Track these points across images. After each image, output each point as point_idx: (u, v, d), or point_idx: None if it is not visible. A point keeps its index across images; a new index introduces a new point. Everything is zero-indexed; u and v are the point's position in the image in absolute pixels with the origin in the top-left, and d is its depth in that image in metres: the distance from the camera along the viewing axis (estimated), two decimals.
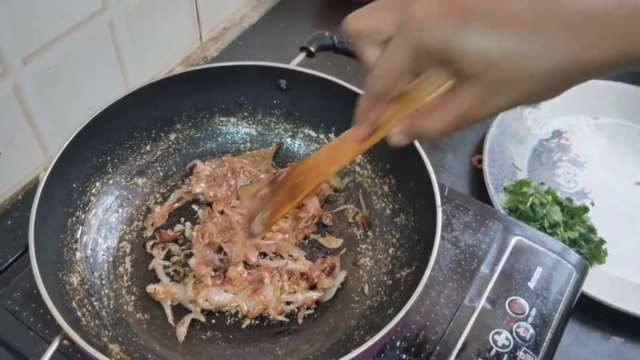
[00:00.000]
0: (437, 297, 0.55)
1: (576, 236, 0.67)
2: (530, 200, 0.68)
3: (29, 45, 0.59)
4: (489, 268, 0.57)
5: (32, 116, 0.64)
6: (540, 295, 0.56)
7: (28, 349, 0.49)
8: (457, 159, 0.78)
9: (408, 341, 0.52)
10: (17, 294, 0.52)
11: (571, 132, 0.81)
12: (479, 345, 0.52)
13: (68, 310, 0.48)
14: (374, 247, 0.60)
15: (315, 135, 0.66)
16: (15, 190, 0.68)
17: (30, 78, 0.61)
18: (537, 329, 0.53)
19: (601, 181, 0.76)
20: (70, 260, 0.53)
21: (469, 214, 0.62)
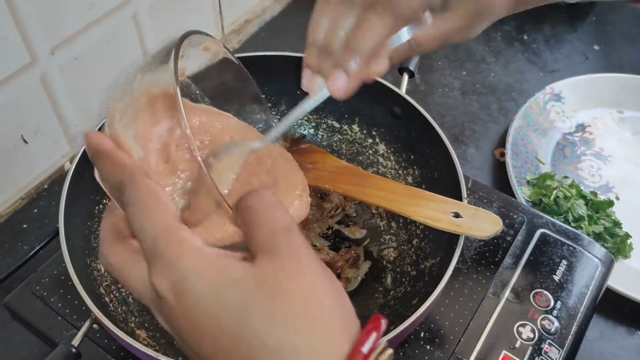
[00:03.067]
0: (461, 289, 0.55)
1: (601, 230, 0.66)
2: (554, 194, 0.68)
3: (57, 35, 0.60)
4: (513, 260, 0.57)
5: (58, 106, 0.65)
6: (565, 288, 0.55)
7: (57, 333, 0.50)
8: (479, 152, 0.78)
9: (432, 332, 0.52)
10: (45, 280, 0.53)
11: (595, 126, 0.80)
12: (503, 337, 0.52)
13: (97, 295, 0.49)
14: (398, 237, 0.59)
15: (338, 126, 0.66)
16: (42, 179, 0.69)
17: (58, 68, 0.62)
18: (562, 322, 0.53)
19: (626, 175, 0.75)
20: (97, 247, 0.54)
21: (492, 206, 0.61)
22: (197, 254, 0.28)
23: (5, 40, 0.55)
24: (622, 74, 0.83)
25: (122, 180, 0.29)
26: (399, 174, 0.63)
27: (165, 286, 0.27)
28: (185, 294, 0.27)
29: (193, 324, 0.27)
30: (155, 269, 0.28)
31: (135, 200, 0.29)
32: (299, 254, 0.28)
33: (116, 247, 0.31)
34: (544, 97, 0.80)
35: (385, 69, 0.42)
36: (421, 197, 0.51)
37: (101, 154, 0.31)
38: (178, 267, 0.27)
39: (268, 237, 0.28)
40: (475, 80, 0.87)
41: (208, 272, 0.27)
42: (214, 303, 0.27)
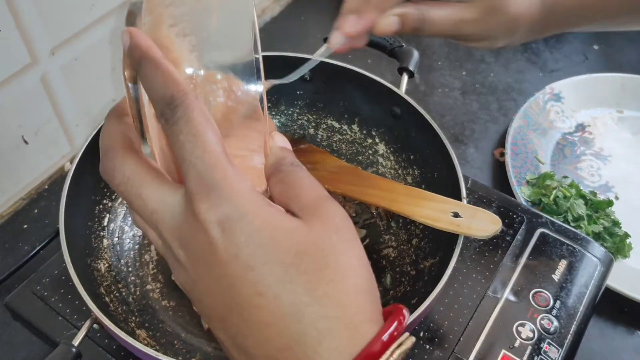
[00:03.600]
0: (461, 288, 0.55)
1: (600, 230, 0.66)
2: (553, 194, 0.68)
3: (57, 35, 0.60)
4: (512, 260, 0.57)
5: (59, 106, 0.65)
6: (564, 287, 0.55)
7: (57, 333, 0.50)
8: (478, 152, 0.78)
9: (431, 331, 0.52)
10: (45, 280, 0.53)
11: (595, 125, 0.81)
12: (502, 337, 0.52)
13: (97, 295, 0.49)
14: (397, 237, 0.60)
15: (338, 126, 0.66)
16: (42, 179, 0.69)
17: (58, 68, 0.62)
18: (561, 322, 0.53)
19: (625, 175, 0.75)
20: (97, 247, 0.54)
21: (492, 205, 0.61)
22: (252, 195, 0.27)
23: (5, 41, 0.55)
24: (622, 73, 0.83)
25: (174, 96, 0.27)
26: (398, 174, 0.63)
27: (214, 217, 0.26)
28: (236, 231, 0.26)
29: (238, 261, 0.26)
30: (207, 199, 0.26)
31: (188, 121, 0.26)
32: (348, 221, 0.28)
33: (131, 158, 0.29)
34: (543, 97, 0.80)
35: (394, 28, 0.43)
36: (421, 197, 0.51)
37: (151, 61, 0.27)
38: (235, 203, 0.26)
39: (316, 200, 0.28)
40: (475, 80, 0.87)
41: (264, 215, 0.26)
42: (268, 246, 0.26)
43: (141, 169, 0.28)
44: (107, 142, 0.30)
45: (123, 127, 0.30)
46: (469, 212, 0.49)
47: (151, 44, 0.28)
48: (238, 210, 0.26)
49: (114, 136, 0.30)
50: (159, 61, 0.27)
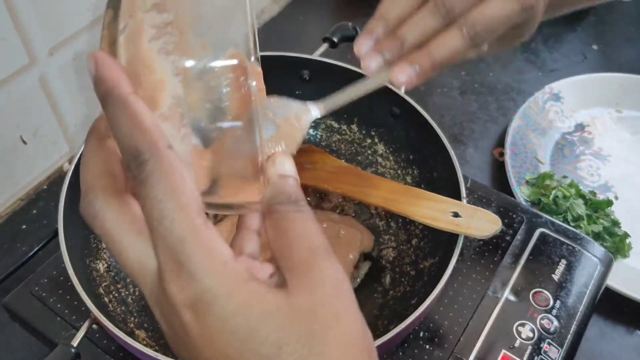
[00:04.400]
0: (460, 288, 0.55)
1: (600, 230, 0.66)
2: (553, 193, 0.68)
3: (55, 35, 0.60)
4: (512, 259, 0.57)
5: (57, 107, 0.65)
6: (564, 287, 0.55)
7: (56, 334, 0.50)
8: (478, 152, 0.78)
9: (431, 332, 0.52)
10: (44, 281, 0.53)
11: (594, 125, 0.81)
12: (502, 337, 0.52)
13: (96, 295, 0.49)
14: (397, 237, 0.59)
15: (337, 126, 0.66)
16: (40, 179, 0.69)
17: (56, 69, 0.62)
18: (561, 322, 0.53)
19: (625, 175, 0.75)
20: (96, 248, 0.54)
21: (491, 205, 0.61)
22: (227, 271, 0.24)
23: (4, 41, 0.55)
24: (621, 73, 0.83)
25: (140, 150, 0.23)
26: (398, 173, 0.63)
27: (185, 301, 0.23)
28: (208, 316, 0.23)
29: (212, 348, 0.24)
30: (177, 279, 0.23)
31: (155, 183, 0.23)
32: (340, 287, 0.25)
33: (112, 207, 0.25)
34: (542, 97, 0.80)
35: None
36: (420, 197, 0.51)
37: (116, 101, 0.24)
38: (205, 285, 0.23)
39: (309, 258, 0.25)
40: (474, 80, 0.87)
41: (239, 296, 0.23)
42: (242, 334, 0.23)
43: (122, 223, 0.25)
44: (87, 179, 0.26)
45: (104, 157, 0.26)
46: (469, 211, 0.49)
47: (118, 77, 0.24)
48: (210, 292, 0.23)
49: (94, 171, 0.26)
50: (126, 102, 0.23)
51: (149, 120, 0.24)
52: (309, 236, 0.25)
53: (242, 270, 0.24)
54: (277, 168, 0.27)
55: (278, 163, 0.27)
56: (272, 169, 0.27)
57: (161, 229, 0.23)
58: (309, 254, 0.25)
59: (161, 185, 0.23)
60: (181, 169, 0.24)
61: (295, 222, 0.26)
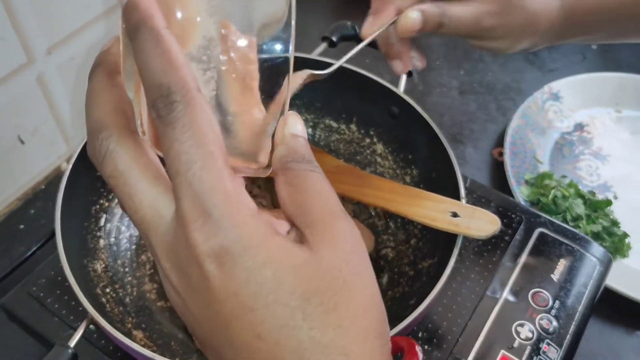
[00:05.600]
0: (459, 288, 0.55)
1: (599, 229, 0.66)
2: (552, 193, 0.68)
3: (54, 35, 0.60)
4: (511, 260, 0.57)
5: (55, 106, 0.65)
6: (563, 287, 0.55)
7: (53, 334, 0.50)
8: (477, 152, 0.78)
9: (430, 332, 0.52)
10: (41, 281, 0.53)
11: (593, 125, 0.80)
12: (501, 337, 0.52)
13: (93, 296, 0.48)
14: (396, 237, 0.59)
15: (336, 126, 0.66)
16: (38, 179, 0.69)
17: (55, 68, 0.62)
18: (560, 322, 0.53)
19: (624, 175, 0.75)
20: (94, 248, 0.54)
21: (491, 205, 0.61)
22: (255, 223, 0.23)
23: (1, 40, 0.55)
24: (620, 73, 0.83)
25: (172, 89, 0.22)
26: (396, 173, 0.63)
27: (209, 251, 0.22)
28: (235, 267, 0.22)
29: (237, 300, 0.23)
30: (203, 228, 0.22)
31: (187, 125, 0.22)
32: (360, 246, 0.25)
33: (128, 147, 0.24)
34: (542, 97, 0.80)
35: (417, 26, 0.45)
36: (419, 197, 0.51)
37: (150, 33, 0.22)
38: (237, 235, 0.22)
39: (328, 216, 0.24)
40: (473, 80, 0.87)
41: (268, 248, 0.23)
42: (270, 286, 0.22)
43: (137, 165, 0.24)
44: (98, 116, 0.24)
45: (116, 93, 0.25)
46: (468, 211, 0.49)
47: (153, 8, 0.22)
48: (239, 244, 0.22)
49: (105, 107, 0.24)
50: (160, 35, 0.22)
51: (182, 59, 0.22)
52: (327, 195, 0.25)
53: (269, 224, 0.24)
54: (289, 128, 0.26)
55: (290, 123, 0.26)
56: (284, 129, 0.26)
57: (189, 174, 0.22)
58: (328, 211, 0.25)
59: (192, 129, 0.22)
60: (211, 115, 0.23)
61: (312, 180, 0.25)
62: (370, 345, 0.24)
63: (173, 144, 0.22)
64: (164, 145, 0.23)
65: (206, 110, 0.23)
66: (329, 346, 0.23)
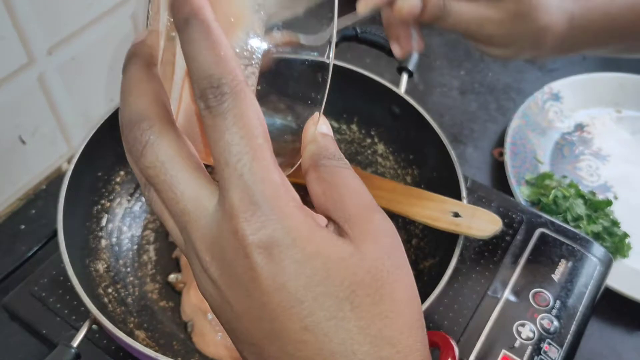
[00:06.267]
0: (460, 288, 0.55)
1: (599, 230, 0.66)
2: (552, 193, 0.68)
3: (54, 35, 0.60)
4: (512, 260, 0.57)
5: (56, 106, 0.65)
6: (564, 287, 0.55)
7: (55, 334, 0.50)
8: (477, 152, 0.78)
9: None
10: (43, 281, 0.53)
11: (593, 125, 0.81)
12: (502, 337, 0.52)
13: (96, 296, 0.48)
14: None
15: (337, 126, 0.66)
16: (39, 179, 0.69)
17: (55, 68, 0.62)
18: (561, 322, 0.53)
19: (624, 175, 0.75)
20: (96, 248, 0.54)
21: (491, 205, 0.61)
22: (303, 216, 0.23)
23: (2, 40, 0.55)
24: (620, 73, 0.83)
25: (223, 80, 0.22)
26: (397, 173, 0.63)
27: (259, 242, 0.22)
28: (285, 258, 0.22)
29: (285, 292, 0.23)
30: (252, 219, 0.22)
31: (237, 117, 0.22)
32: (398, 241, 0.25)
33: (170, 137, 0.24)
34: (542, 97, 0.80)
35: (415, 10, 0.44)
36: (420, 197, 0.51)
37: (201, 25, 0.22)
38: (286, 227, 0.22)
39: (365, 211, 0.25)
40: (474, 80, 0.87)
41: (315, 240, 0.23)
42: (319, 277, 0.23)
43: (180, 156, 0.24)
44: (138, 107, 0.24)
45: (155, 85, 0.25)
46: (469, 211, 0.49)
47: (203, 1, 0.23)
48: (289, 235, 0.22)
49: (146, 98, 0.24)
50: (211, 27, 0.22)
51: (231, 52, 0.23)
52: (361, 190, 0.25)
53: (313, 216, 0.24)
54: (319, 127, 0.27)
55: (320, 122, 0.27)
56: (313, 128, 0.27)
57: (240, 165, 0.22)
58: (364, 206, 0.25)
59: (243, 121, 0.22)
60: (258, 108, 0.23)
61: (345, 176, 0.25)
62: (415, 336, 0.25)
63: (223, 135, 0.22)
64: (212, 136, 0.23)
65: (255, 103, 0.23)
66: (377, 337, 0.23)
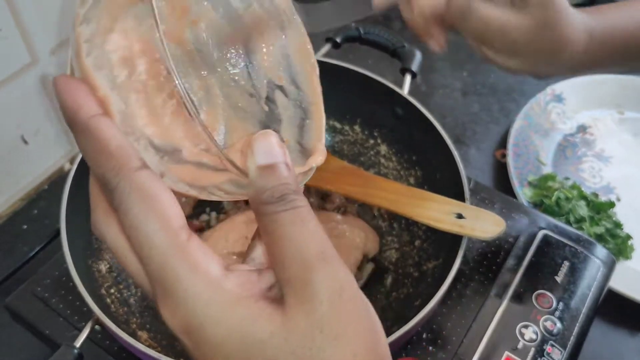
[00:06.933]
0: (464, 290, 0.55)
1: (602, 231, 0.66)
2: (555, 195, 0.68)
3: (57, 35, 0.60)
4: (515, 261, 0.57)
5: (58, 106, 0.65)
6: (567, 289, 0.55)
7: (58, 334, 0.50)
8: (480, 153, 0.78)
9: (434, 333, 0.52)
10: (46, 281, 0.53)
11: (596, 127, 0.80)
12: (505, 338, 0.52)
13: (98, 296, 0.48)
14: (400, 239, 0.59)
15: (340, 127, 0.66)
16: (42, 179, 0.69)
17: (58, 68, 0.62)
18: (564, 323, 0.53)
19: (627, 176, 0.75)
20: (98, 248, 0.54)
21: (494, 207, 0.61)
22: (214, 293, 0.22)
23: (5, 40, 0.55)
24: (623, 75, 0.83)
25: (107, 176, 0.22)
26: (400, 174, 0.63)
27: (178, 326, 0.23)
28: (201, 343, 0.22)
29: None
30: (165, 304, 0.23)
31: (126, 212, 0.22)
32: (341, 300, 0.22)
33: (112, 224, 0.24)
34: (544, 98, 0.80)
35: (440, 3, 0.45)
36: (423, 198, 0.51)
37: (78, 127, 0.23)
38: (192, 311, 0.22)
39: (304, 271, 0.22)
40: (476, 81, 0.87)
41: (229, 320, 0.22)
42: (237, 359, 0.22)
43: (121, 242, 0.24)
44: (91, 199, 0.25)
45: None
46: (472, 213, 0.49)
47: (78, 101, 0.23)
48: (198, 319, 0.22)
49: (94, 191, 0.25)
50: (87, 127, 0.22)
51: (113, 143, 0.22)
52: (302, 242, 0.22)
53: (233, 289, 0.23)
54: (256, 157, 0.23)
55: (257, 150, 0.23)
56: (250, 160, 0.23)
57: (143, 256, 0.23)
58: (302, 266, 0.22)
59: (134, 211, 0.22)
60: (154, 190, 0.22)
61: (284, 225, 0.22)
62: None
63: (124, 229, 0.23)
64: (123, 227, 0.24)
65: (148, 187, 0.22)
66: None
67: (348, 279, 0.23)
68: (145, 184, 0.22)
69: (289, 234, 0.22)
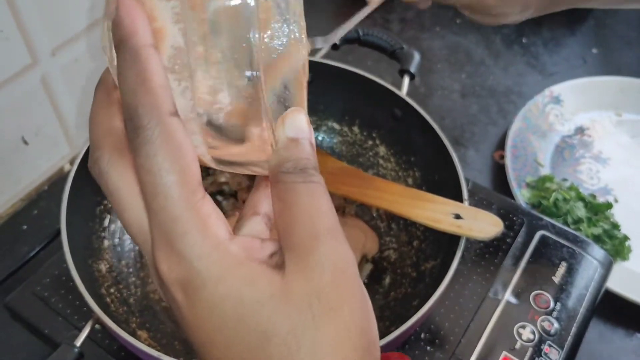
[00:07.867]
0: (461, 290, 0.55)
1: (600, 232, 0.66)
2: (553, 196, 0.68)
3: (58, 36, 0.60)
4: (513, 261, 0.57)
5: (59, 107, 0.65)
6: (564, 289, 0.56)
7: (58, 334, 0.50)
8: (478, 155, 0.78)
9: (432, 333, 0.52)
10: (46, 281, 0.53)
11: (593, 128, 0.81)
12: (503, 339, 0.52)
13: (98, 296, 0.49)
14: (398, 239, 0.60)
15: (338, 128, 0.66)
16: (42, 180, 0.69)
17: (58, 69, 0.62)
18: (561, 324, 0.53)
19: (624, 178, 0.75)
20: (98, 248, 0.54)
21: (492, 208, 0.62)
22: (219, 253, 0.22)
23: (6, 41, 0.55)
24: (620, 76, 0.83)
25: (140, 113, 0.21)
26: (399, 175, 0.63)
27: (175, 281, 0.22)
28: (197, 300, 0.22)
29: (202, 331, 0.23)
30: (167, 258, 0.22)
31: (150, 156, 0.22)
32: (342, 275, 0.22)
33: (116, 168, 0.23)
34: (543, 100, 0.80)
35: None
36: (422, 199, 0.51)
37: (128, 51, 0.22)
38: (195, 268, 0.22)
39: (310, 240, 0.22)
40: (475, 83, 0.87)
41: (229, 281, 0.22)
42: (231, 321, 0.22)
43: (125, 184, 0.23)
44: (94, 136, 0.24)
45: (111, 111, 0.24)
46: (470, 213, 0.49)
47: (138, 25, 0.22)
48: (200, 276, 0.22)
49: (100, 127, 0.24)
50: (138, 55, 0.21)
51: (157, 80, 0.22)
52: (315, 213, 0.23)
53: (237, 252, 0.23)
54: (286, 129, 0.24)
55: (288, 123, 0.24)
56: (280, 130, 0.24)
57: (154, 204, 0.22)
58: (311, 234, 0.22)
59: (158, 158, 0.22)
60: (181, 141, 0.22)
61: (301, 195, 0.23)
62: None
63: (140, 171, 0.22)
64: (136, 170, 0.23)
65: (176, 137, 0.22)
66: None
67: (353, 261, 0.23)
68: (175, 132, 0.22)
69: (303, 203, 0.23)
